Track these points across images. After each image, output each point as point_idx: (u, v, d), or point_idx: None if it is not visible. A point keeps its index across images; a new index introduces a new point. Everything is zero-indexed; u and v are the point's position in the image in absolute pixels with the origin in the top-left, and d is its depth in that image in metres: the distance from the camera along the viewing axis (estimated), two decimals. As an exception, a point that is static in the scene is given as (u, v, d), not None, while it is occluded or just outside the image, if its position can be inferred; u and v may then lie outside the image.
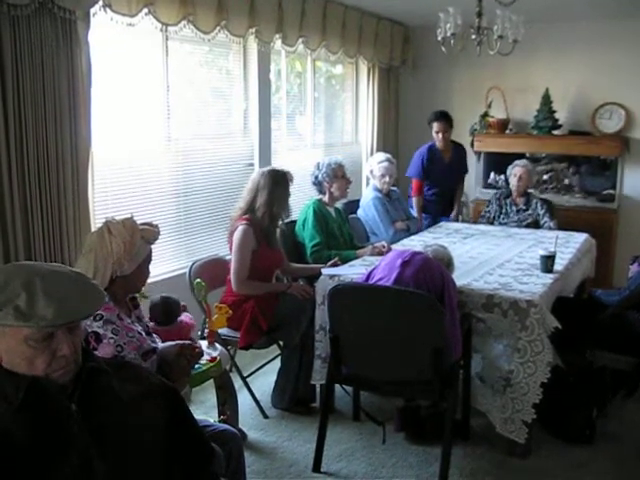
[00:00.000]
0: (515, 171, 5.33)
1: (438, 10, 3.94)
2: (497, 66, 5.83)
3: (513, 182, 5.34)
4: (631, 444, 3.40)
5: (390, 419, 3.45)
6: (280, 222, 3.83)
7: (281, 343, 3.87)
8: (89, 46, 3.36)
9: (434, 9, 4.07)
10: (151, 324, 2.66)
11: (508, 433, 3.17)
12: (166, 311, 2.88)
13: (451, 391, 2.97)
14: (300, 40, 4.96)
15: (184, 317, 2.93)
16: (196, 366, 2.55)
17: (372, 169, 5.21)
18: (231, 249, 3.67)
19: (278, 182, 3.71)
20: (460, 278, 3.42)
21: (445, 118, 5.52)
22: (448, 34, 3.76)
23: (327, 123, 6.12)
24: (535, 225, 5.28)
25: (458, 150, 5.80)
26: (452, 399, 2.99)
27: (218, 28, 4.13)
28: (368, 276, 3.20)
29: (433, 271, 3.05)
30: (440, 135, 5.51)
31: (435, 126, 5.52)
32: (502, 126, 6.38)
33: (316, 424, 3.19)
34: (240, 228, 3.62)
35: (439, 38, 3.90)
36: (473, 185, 6.72)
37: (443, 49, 3.97)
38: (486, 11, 3.81)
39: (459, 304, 3.14)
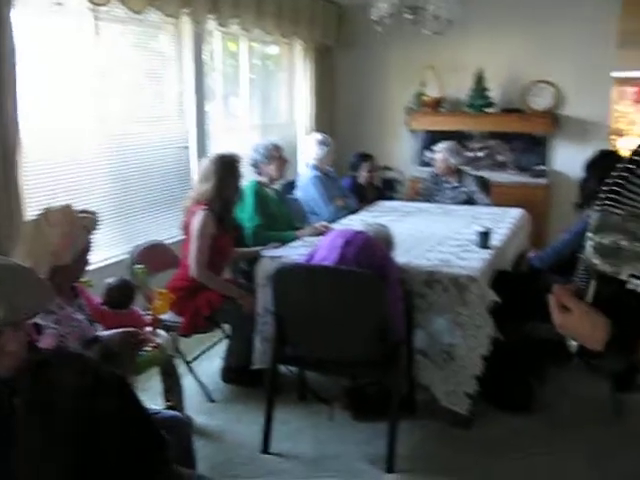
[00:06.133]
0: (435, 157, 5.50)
1: (372, -11, 3.95)
2: (431, 45, 5.86)
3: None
4: (567, 410, 3.54)
5: (336, 397, 3.48)
6: (233, 206, 3.83)
7: (224, 327, 3.87)
8: (12, 25, 3.22)
9: (368, -12, 4.07)
10: (103, 307, 2.63)
11: (451, 405, 3.25)
12: (124, 293, 2.86)
13: (396, 368, 3.02)
14: (235, 21, 4.88)
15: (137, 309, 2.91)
16: (140, 353, 2.52)
17: (311, 149, 5.22)
18: (187, 236, 3.66)
19: (227, 167, 3.72)
20: (400, 256, 3.46)
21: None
22: (383, 13, 3.76)
23: (263, 104, 6.06)
24: (469, 202, 5.38)
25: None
26: (397, 375, 3.04)
27: (149, 7, 4.02)
28: (310, 256, 3.21)
29: (374, 250, 3.09)
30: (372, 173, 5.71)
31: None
32: (436, 104, 6.45)
33: (262, 406, 3.19)
34: (201, 213, 3.59)
35: (374, 18, 3.90)
36: (408, 163, 6.80)
37: (379, 29, 3.98)
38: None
39: (401, 282, 3.19)
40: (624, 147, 5.90)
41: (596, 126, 6.15)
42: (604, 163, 3.56)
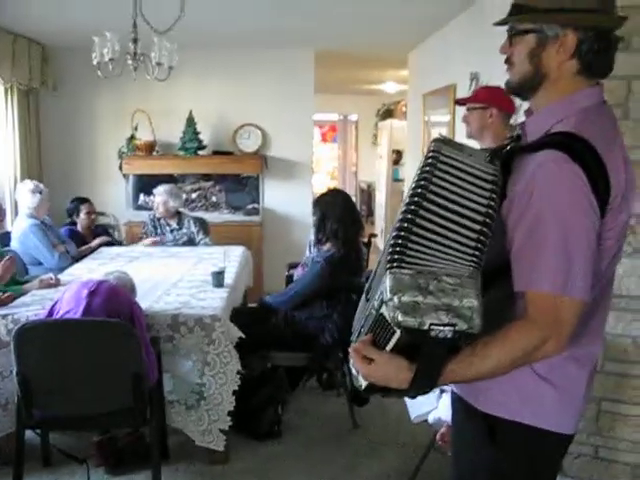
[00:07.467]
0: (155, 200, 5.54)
1: (78, 31, 3.86)
2: (141, 89, 5.91)
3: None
4: (312, 429, 3.81)
5: (90, 455, 3.32)
6: None
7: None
8: None
9: (75, 30, 3.97)
10: None
11: (207, 444, 3.29)
12: None
13: (153, 414, 3.00)
14: None
15: None
16: None
17: (24, 198, 4.93)
18: None
19: None
20: (140, 301, 3.44)
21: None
22: (106, 59, 3.72)
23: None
24: (190, 242, 5.50)
25: None
26: (155, 422, 3.02)
27: None
28: (51, 311, 3.05)
29: (121, 298, 3.06)
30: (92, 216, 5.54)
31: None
32: (149, 148, 6.49)
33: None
34: None
35: (95, 62, 3.84)
36: (124, 208, 6.72)
37: (99, 73, 3.91)
38: (142, 37, 3.85)
39: (148, 327, 3.18)
40: (315, 183, 6.55)
41: (300, 165, 6.74)
42: (339, 202, 3.87)
